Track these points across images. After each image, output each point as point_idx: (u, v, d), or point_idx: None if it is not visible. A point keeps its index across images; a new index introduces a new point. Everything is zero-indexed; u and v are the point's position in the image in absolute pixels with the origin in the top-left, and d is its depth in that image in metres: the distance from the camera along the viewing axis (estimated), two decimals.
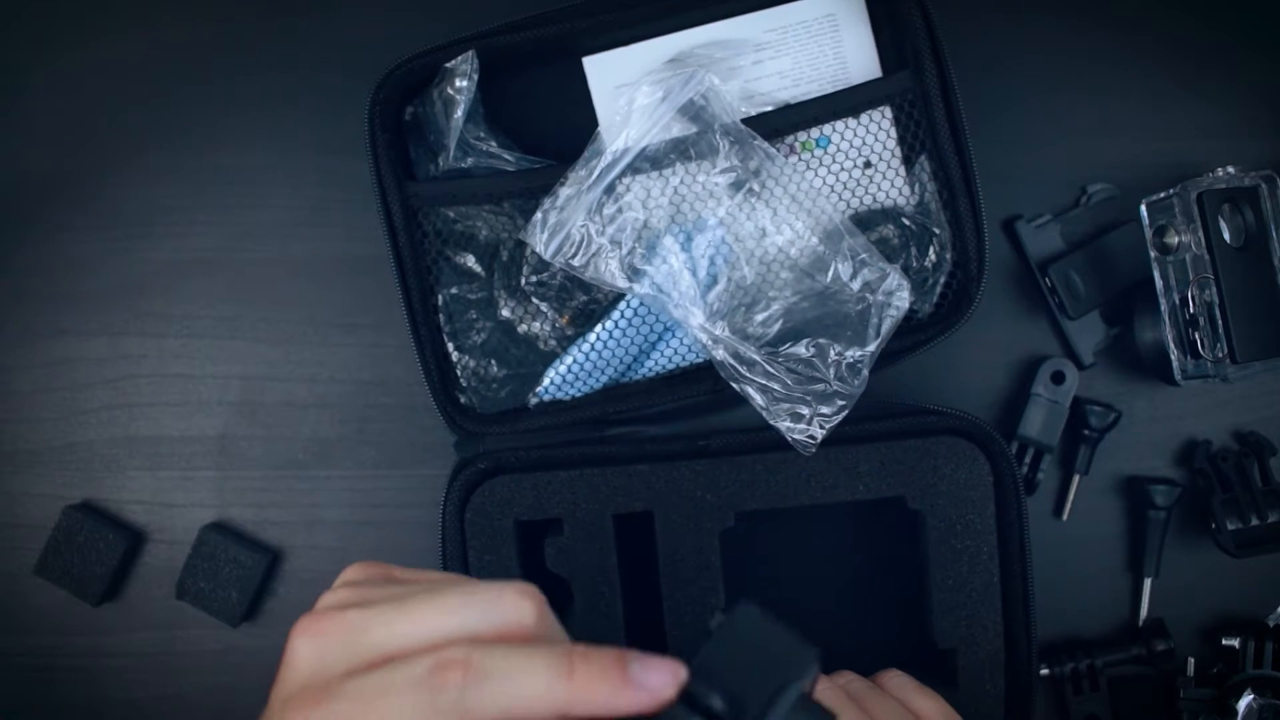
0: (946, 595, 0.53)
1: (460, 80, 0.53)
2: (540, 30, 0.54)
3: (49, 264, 0.61)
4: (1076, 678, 0.58)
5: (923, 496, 0.53)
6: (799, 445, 0.51)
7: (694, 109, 0.53)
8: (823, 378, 0.52)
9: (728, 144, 0.53)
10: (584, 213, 0.53)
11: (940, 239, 0.54)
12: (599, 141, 0.53)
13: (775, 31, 0.56)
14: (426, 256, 0.55)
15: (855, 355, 0.52)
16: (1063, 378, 0.58)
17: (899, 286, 0.52)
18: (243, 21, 0.60)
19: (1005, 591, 0.53)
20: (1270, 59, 0.60)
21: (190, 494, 0.60)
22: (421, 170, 0.56)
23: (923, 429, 0.54)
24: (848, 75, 0.56)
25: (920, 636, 0.56)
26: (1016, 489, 0.53)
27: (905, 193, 0.55)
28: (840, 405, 0.51)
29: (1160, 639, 0.58)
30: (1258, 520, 0.56)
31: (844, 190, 0.55)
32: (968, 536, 0.53)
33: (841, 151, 0.55)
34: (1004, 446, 0.53)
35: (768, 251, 0.54)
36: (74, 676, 0.60)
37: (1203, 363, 0.53)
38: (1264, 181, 0.53)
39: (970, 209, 0.53)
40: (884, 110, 0.55)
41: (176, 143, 0.60)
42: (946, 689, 0.53)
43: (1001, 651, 0.53)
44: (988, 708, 0.53)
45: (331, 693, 0.31)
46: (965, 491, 0.53)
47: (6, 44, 0.61)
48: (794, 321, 0.53)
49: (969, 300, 0.53)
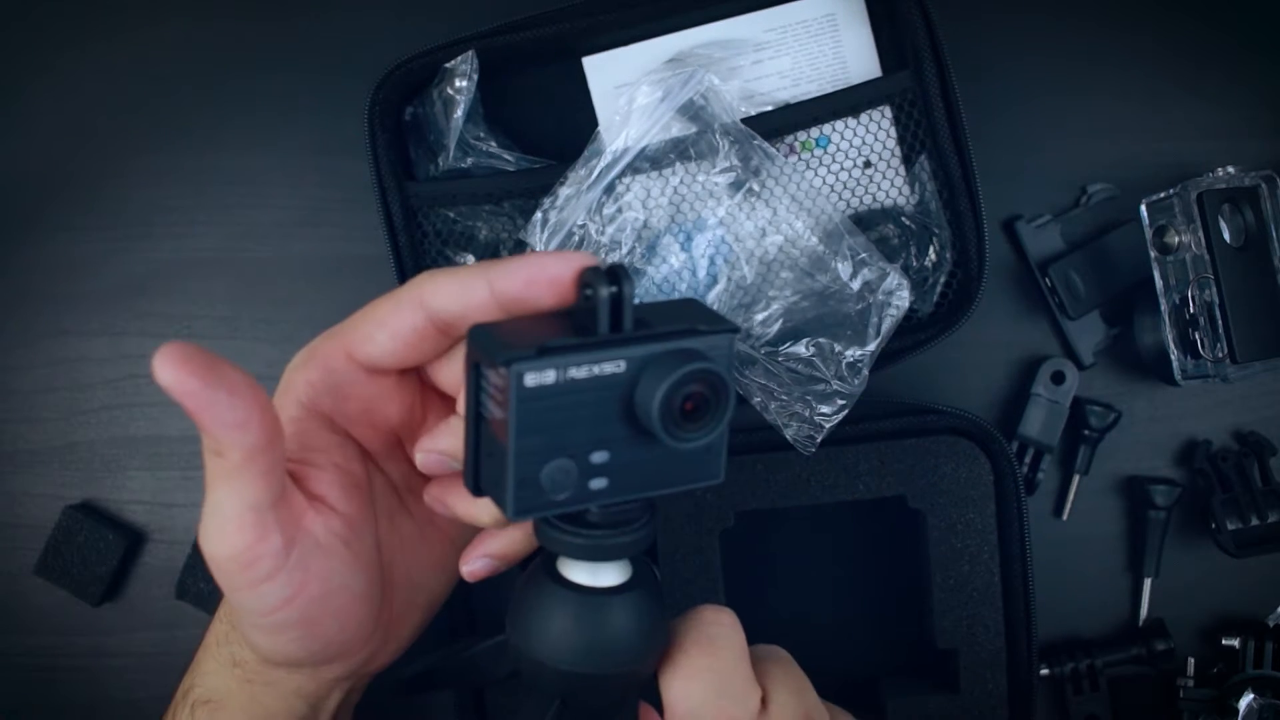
0: (947, 595, 0.53)
1: (460, 80, 0.53)
2: (540, 30, 0.54)
3: (50, 264, 0.61)
4: (1076, 678, 0.58)
5: (923, 496, 0.53)
6: (799, 445, 0.51)
7: (693, 109, 0.53)
8: (823, 377, 0.52)
9: (727, 144, 0.53)
10: (584, 212, 0.53)
11: (940, 238, 0.54)
12: (598, 141, 0.53)
13: (775, 31, 0.56)
14: (427, 257, 0.55)
15: (855, 355, 0.52)
16: (1063, 378, 0.58)
17: (899, 286, 0.52)
18: (243, 21, 0.60)
19: (1006, 591, 0.53)
20: (1270, 59, 0.60)
21: (190, 494, 0.60)
22: (421, 170, 0.56)
23: (923, 428, 0.54)
24: (847, 75, 0.56)
25: (920, 637, 0.56)
26: (1017, 488, 0.53)
27: (905, 192, 0.55)
28: (840, 405, 0.51)
29: (1160, 639, 0.58)
30: (1258, 520, 0.56)
31: (844, 190, 0.55)
32: (968, 536, 0.53)
33: (841, 151, 0.55)
34: (1004, 446, 0.53)
35: (768, 251, 0.54)
36: (74, 676, 0.60)
37: (1203, 363, 0.53)
38: (1264, 181, 0.53)
39: (970, 208, 0.53)
40: (884, 110, 0.55)
41: (176, 143, 0.60)
42: (947, 691, 0.53)
43: (1003, 651, 0.53)
44: (990, 708, 0.53)
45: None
46: (966, 491, 0.53)
47: (7, 44, 0.61)
48: (794, 321, 0.53)
49: (969, 300, 0.53)
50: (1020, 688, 0.53)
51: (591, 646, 0.35)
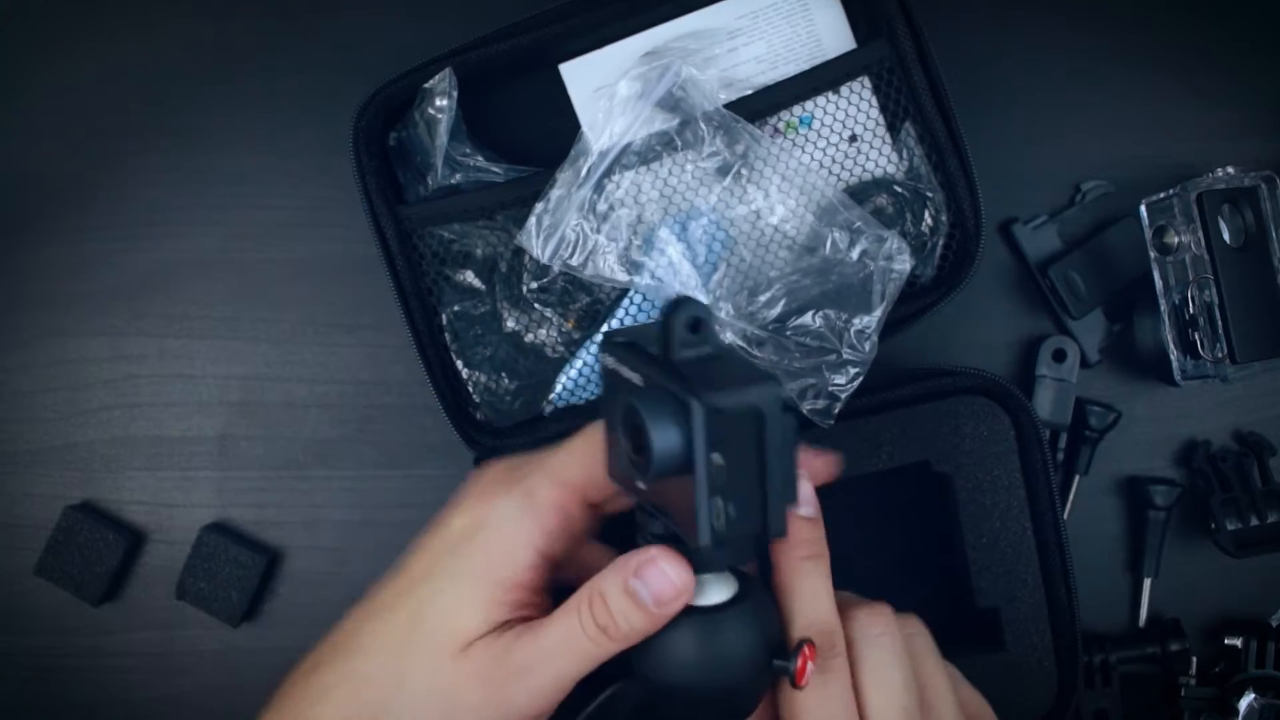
0: (982, 554, 0.53)
1: (440, 99, 0.53)
2: (513, 41, 0.54)
3: (49, 264, 0.61)
4: (1089, 672, 0.57)
5: (947, 458, 0.53)
6: (816, 418, 0.51)
7: (673, 100, 0.53)
8: (833, 348, 0.51)
9: (712, 130, 0.53)
10: (576, 212, 0.53)
11: (934, 202, 0.54)
12: (584, 141, 0.53)
13: (746, 17, 0.56)
14: (426, 278, 0.55)
15: (863, 322, 0.51)
16: (1064, 355, 0.58)
17: (898, 250, 0.52)
18: (242, 21, 0.60)
19: (1040, 544, 0.53)
20: (1270, 59, 0.60)
21: (190, 494, 0.60)
22: (411, 193, 0.56)
23: (940, 391, 0.53)
24: (823, 51, 0.56)
25: (959, 600, 0.55)
26: (1039, 441, 0.52)
27: (894, 160, 0.55)
28: (854, 373, 0.51)
29: (1176, 639, 0.57)
30: (1258, 520, 0.56)
31: (833, 165, 0.55)
32: (996, 493, 0.53)
33: (826, 127, 0.55)
34: (1023, 400, 0.52)
35: (763, 233, 0.54)
36: (74, 676, 0.60)
37: (1203, 363, 0.53)
38: (1264, 181, 0.53)
39: (960, 168, 0.53)
40: (863, 81, 0.55)
41: (176, 143, 0.60)
42: (993, 649, 0.53)
43: (1044, 604, 0.53)
44: (1036, 661, 0.52)
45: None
46: (989, 448, 0.53)
47: (7, 44, 0.61)
48: (798, 299, 0.53)
49: (970, 259, 0.53)
50: (1064, 639, 0.53)
51: (709, 660, 0.36)
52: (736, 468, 0.33)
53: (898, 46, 0.53)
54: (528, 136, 0.57)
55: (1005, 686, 0.52)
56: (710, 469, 0.33)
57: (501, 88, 0.57)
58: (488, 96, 0.57)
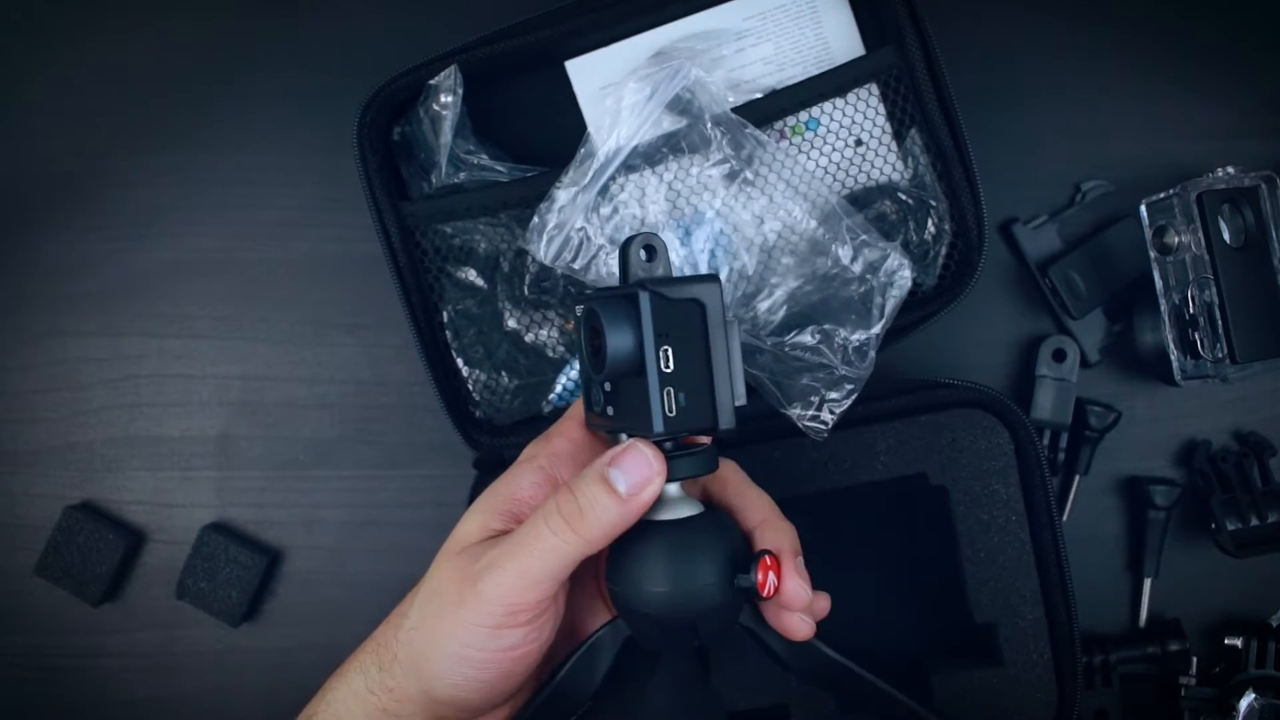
0: (979, 568, 0.52)
1: (445, 96, 0.53)
2: (520, 39, 0.54)
3: (49, 264, 0.61)
4: (1090, 673, 0.57)
5: (944, 471, 0.53)
6: (811, 431, 0.51)
7: (681, 103, 0.53)
8: (830, 363, 0.51)
9: (719, 134, 0.53)
10: (581, 215, 0.53)
11: (938, 210, 0.54)
12: (590, 143, 0.53)
13: (754, 18, 0.56)
14: (428, 275, 0.55)
15: (861, 338, 0.51)
16: (1064, 355, 0.58)
17: (900, 266, 0.52)
18: (242, 21, 0.61)
19: (1039, 559, 0.52)
20: (1270, 59, 0.60)
21: (190, 494, 0.60)
22: (415, 189, 0.56)
23: (937, 403, 0.53)
24: (831, 56, 0.56)
25: (957, 613, 0.54)
26: (1038, 455, 0.52)
27: (899, 167, 0.55)
28: (849, 389, 0.51)
29: (1176, 639, 0.57)
30: (1258, 520, 0.56)
31: (838, 170, 0.55)
32: (994, 507, 0.52)
33: (831, 132, 0.55)
34: (1020, 415, 0.52)
35: (766, 239, 0.54)
36: (74, 676, 0.60)
37: (1203, 363, 0.53)
38: (1264, 181, 0.53)
39: (965, 177, 0.53)
40: (870, 87, 0.55)
41: (176, 143, 0.60)
42: (991, 664, 0.53)
43: (1043, 620, 0.52)
44: (1036, 677, 0.52)
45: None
46: (987, 462, 0.52)
47: (7, 44, 0.61)
48: (798, 307, 0.53)
49: (972, 269, 0.53)
50: (1064, 656, 0.52)
51: (681, 567, 0.38)
52: (684, 361, 0.37)
53: (906, 53, 0.53)
54: (532, 134, 0.57)
55: (1003, 702, 0.52)
56: (659, 358, 0.37)
57: (507, 84, 0.57)
58: (492, 93, 0.57)
